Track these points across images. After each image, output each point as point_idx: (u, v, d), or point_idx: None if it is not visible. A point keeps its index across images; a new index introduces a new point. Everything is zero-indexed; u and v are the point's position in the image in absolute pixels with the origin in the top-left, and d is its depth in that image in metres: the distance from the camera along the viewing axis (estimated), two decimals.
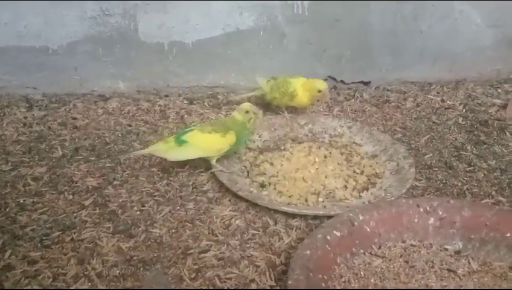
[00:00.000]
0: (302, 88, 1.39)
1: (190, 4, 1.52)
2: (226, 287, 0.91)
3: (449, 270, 0.92)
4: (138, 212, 1.08)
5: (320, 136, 1.39)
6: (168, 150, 1.17)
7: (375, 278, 0.90)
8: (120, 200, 1.12)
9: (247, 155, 1.28)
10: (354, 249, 0.95)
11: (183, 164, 1.25)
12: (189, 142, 1.17)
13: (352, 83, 1.71)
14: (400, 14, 1.63)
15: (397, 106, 1.59)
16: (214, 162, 1.19)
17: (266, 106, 1.57)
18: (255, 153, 1.30)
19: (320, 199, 1.13)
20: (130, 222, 1.05)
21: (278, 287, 0.91)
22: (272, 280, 0.93)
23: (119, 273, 0.93)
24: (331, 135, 1.40)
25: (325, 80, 1.67)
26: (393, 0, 1.59)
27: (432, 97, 1.65)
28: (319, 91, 1.38)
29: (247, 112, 1.22)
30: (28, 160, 1.25)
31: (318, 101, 1.45)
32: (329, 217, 1.02)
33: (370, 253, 0.96)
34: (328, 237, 0.92)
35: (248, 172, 1.23)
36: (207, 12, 1.54)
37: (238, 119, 1.22)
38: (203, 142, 1.17)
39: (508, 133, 1.44)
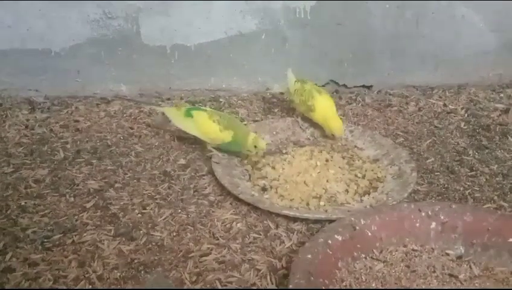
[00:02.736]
0: (320, 109, 1.35)
1: (192, 7, 1.52)
2: None
3: (451, 275, 0.92)
4: (139, 215, 1.08)
5: (322, 140, 1.39)
6: (176, 115, 1.29)
7: (377, 283, 0.90)
8: (121, 203, 1.12)
9: (249, 158, 1.28)
10: (355, 253, 0.94)
11: (184, 167, 1.25)
12: (194, 119, 1.26)
13: (354, 87, 1.71)
14: (402, 18, 1.63)
15: (399, 110, 1.59)
16: (209, 147, 1.25)
17: (268, 109, 1.57)
18: (257, 156, 1.30)
19: (322, 203, 1.13)
20: (131, 224, 1.05)
21: None
22: (272, 283, 0.92)
23: (120, 276, 0.93)
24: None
25: (326, 83, 1.68)
26: (395, 2, 1.60)
27: (434, 101, 1.65)
28: (332, 135, 1.34)
29: (256, 146, 1.23)
30: (29, 162, 1.25)
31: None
32: (331, 221, 1.02)
33: (371, 257, 0.95)
34: (330, 241, 0.92)
35: (249, 175, 1.23)
36: (209, 16, 1.54)
37: (248, 141, 1.21)
38: (203, 125, 1.25)
39: (510, 138, 1.44)
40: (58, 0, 1.46)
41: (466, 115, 1.57)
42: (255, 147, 1.22)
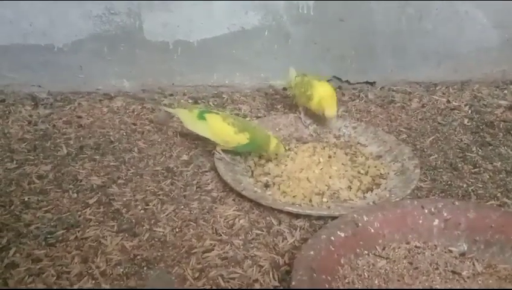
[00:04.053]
0: (318, 96, 1.35)
1: (195, 3, 1.52)
2: (229, 287, 0.91)
3: (453, 272, 0.92)
4: (142, 211, 1.09)
5: (324, 137, 1.39)
6: (188, 118, 1.27)
7: (379, 280, 0.90)
8: (124, 199, 1.12)
9: (252, 155, 1.28)
10: (358, 250, 0.94)
11: (187, 163, 1.25)
12: (207, 121, 1.23)
13: (357, 83, 1.70)
14: (405, 14, 1.62)
15: (402, 107, 1.59)
16: (218, 148, 1.23)
17: (271, 105, 1.57)
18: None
19: (325, 200, 1.13)
20: (134, 220, 1.06)
21: (282, 288, 0.91)
22: (275, 280, 0.92)
23: (122, 272, 0.93)
24: (335, 135, 1.39)
25: (329, 80, 1.68)
26: (398, 0, 1.59)
27: (437, 98, 1.64)
28: (323, 114, 1.34)
29: (277, 154, 1.22)
30: (32, 158, 1.25)
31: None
32: (334, 217, 1.01)
33: (374, 254, 0.95)
34: (332, 238, 0.92)
35: (252, 172, 1.23)
36: (212, 12, 1.54)
37: (271, 146, 1.20)
38: (217, 128, 1.23)
39: None
40: None
41: (469, 111, 1.57)
42: (276, 154, 1.22)
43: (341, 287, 0.88)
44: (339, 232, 0.93)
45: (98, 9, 1.49)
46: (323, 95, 1.35)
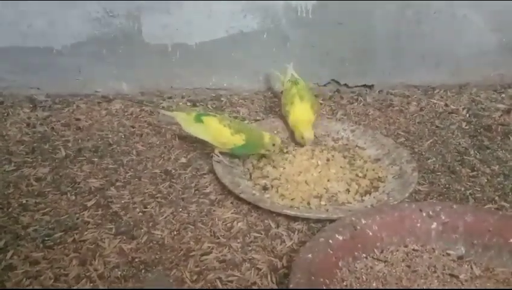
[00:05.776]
0: (293, 117, 1.35)
1: (194, 6, 1.52)
2: None
3: (451, 275, 0.92)
4: (140, 214, 1.08)
5: (323, 140, 1.39)
6: (186, 121, 1.28)
7: (377, 283, 0.90)
8: (122, 202, 1.12)
9: (250, 157, 1.28)
10: (356, 253, 0.94)
11: (185, 166, 1.25)
12: (204, 124, 1.24)
13: (356, 86, 1.70)
14: (404, 17, 1.62)
15: (400, 110, 1.59)
16: (217, 151, 1.23)
17: (269, 108, 1.57)
18: (257, 155, 1.30)
19: (323, 203, 1.13)
20: (132, 223, 1.06)
21: None
22: (273, 283, 0.92)
23: (120, 274, 0.93)
24: (334, 138, 1.39)
25: (328, 83, 1.68)
26: (397, 1, 1.59)
27: (435, 101, 1.65)
28: (302, 137, 1.31)
29: (274, 144, 1.22)
30: (31, 160, 1.25)
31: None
32: (332, 220, 1.02)
33: (372, 257, 0.95)
34: (330, 241, 0.92)
35: (250, 174, 1.23)
36: (211, 15, 1.54)
37: (265, 140, 1.21)
38: (213, 130, 1.23)
39: (511, 138, 1.44)
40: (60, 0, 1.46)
41: (467, 115, 1.57)
42: (273, 145, 1.22)
43: None
44: (337, 235, 0.93)
45: (97, 11, 1.49)
46: (296, 118, 1.34)
